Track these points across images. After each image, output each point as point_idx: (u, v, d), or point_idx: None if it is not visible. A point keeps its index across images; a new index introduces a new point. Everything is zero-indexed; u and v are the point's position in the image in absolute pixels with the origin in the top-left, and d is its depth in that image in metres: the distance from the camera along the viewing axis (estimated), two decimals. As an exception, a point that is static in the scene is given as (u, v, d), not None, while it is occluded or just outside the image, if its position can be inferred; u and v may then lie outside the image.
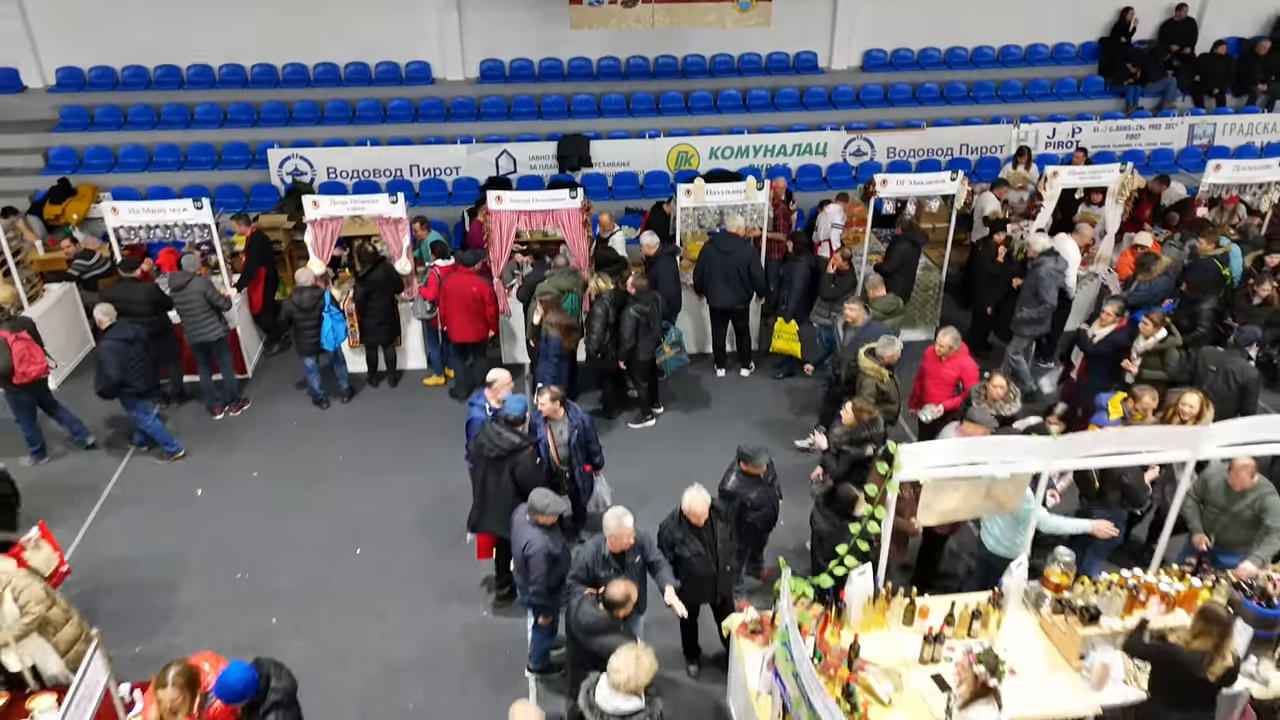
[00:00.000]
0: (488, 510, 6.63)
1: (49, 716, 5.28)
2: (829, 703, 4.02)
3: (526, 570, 5.94)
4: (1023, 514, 6.08)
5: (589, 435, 7.25)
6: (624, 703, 4.52)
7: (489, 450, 6.49)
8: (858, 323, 8.24)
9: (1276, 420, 5.87)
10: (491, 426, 6.55)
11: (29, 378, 8.29)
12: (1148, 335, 7.87)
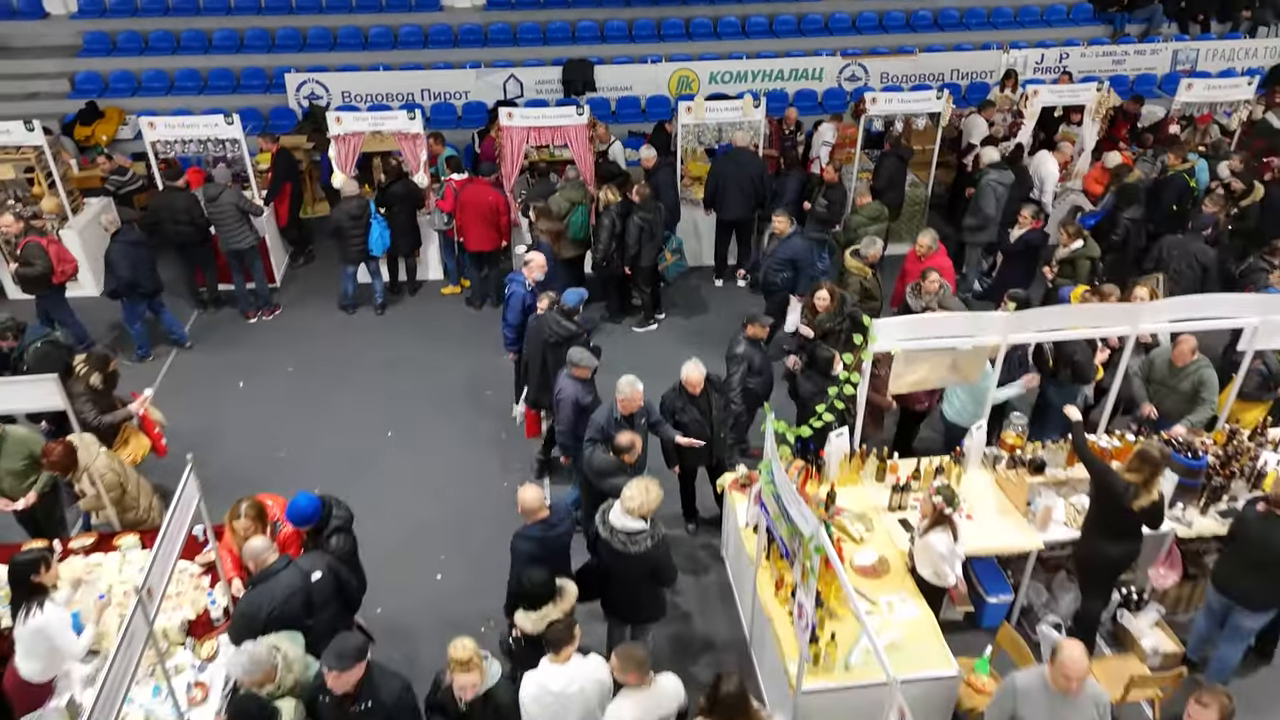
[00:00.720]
0: (546, 388, 7.38)
1: (135, 552, 6.14)
2: (805, 510, 4.84)
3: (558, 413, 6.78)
4: (980, 390, 6.87)
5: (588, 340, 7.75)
6: (633, 523, 5.35)
7: (549, 336, 7.32)
8: (783, 233, 8.91)
9: (1206, 299, 6.62)
10: (551, 315, 7.35)
11: (66, 275, 9.07)
12: (1065, 244, 8.57)
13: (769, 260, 8.96)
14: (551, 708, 4.64)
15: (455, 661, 4.45)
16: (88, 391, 6.69)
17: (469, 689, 4.45)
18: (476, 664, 4.46)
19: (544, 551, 5.41)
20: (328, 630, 5.21)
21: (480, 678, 4.48)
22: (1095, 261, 8.69)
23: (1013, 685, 4.66)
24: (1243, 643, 5.91)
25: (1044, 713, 4.51)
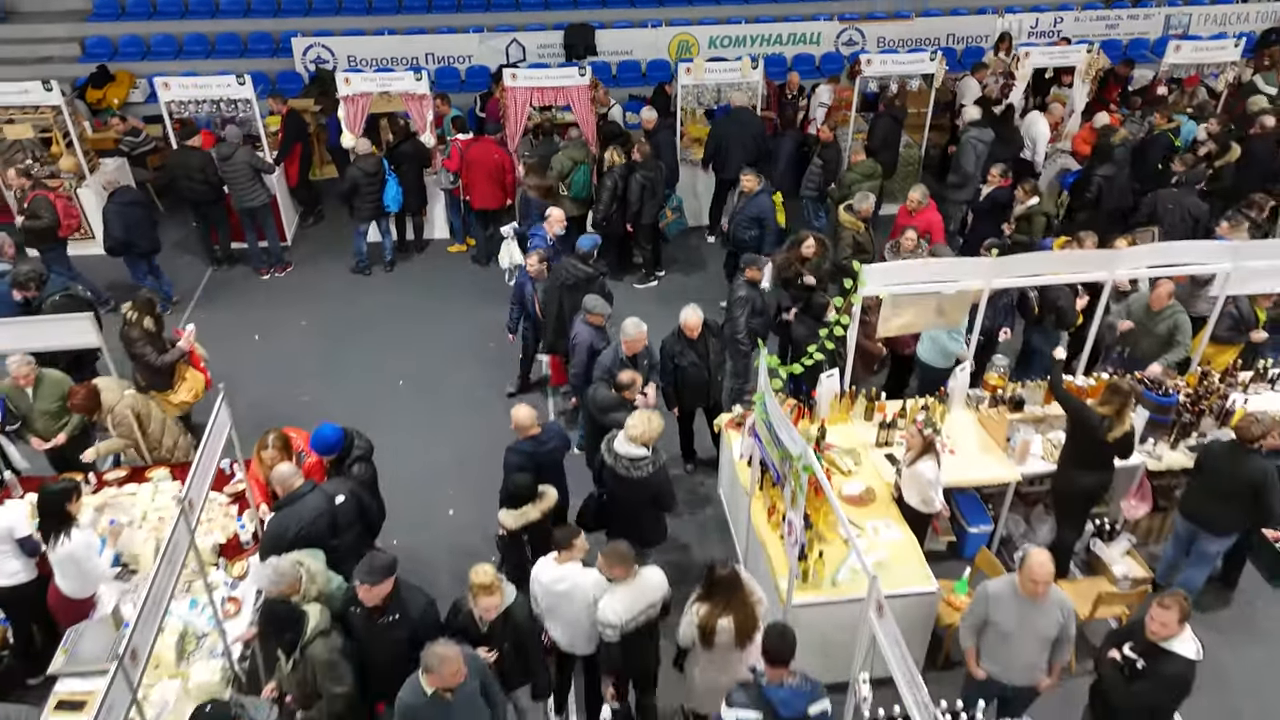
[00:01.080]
0: (563, 334, 7.74)
1: (166, 483, 6.53)
2: (794, 433, 5.21)
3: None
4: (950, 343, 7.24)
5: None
6: (636, 450, 5.73)
7: (567, 279, 7.69)
8: (751, 191, 9.20)
9: (1180, 245, 6.95)
10: (568, 260, 7.73)
11: (71, 230, 9.47)
12: (1021, 201, 8.87)
13: (738, 218, 9.30)
14: (552, 601, 5.12)
15: (478, 585, 4.76)
16: (144, 335, 7.12)
17: (491, 610, 4.80)
18: (497, 587, 4.81)
19: (533, 464, 5.87)
20: (351, 551, 5.62)
21: (500, 599, 4.83)
22: (1050, 218, 9.00)
23: (985, 592, 5.06)
24: (1207, 566, 6.31)
25: (1013, 615, 4.91)
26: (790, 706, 4.32)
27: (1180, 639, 4.58)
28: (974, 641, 5.15)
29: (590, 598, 5.07)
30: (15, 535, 5.58)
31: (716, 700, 4.64)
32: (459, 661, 4.41)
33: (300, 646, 4.79)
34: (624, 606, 4.90)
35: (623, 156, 9.77)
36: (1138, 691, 4.66)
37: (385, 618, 4.88)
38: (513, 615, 4.90)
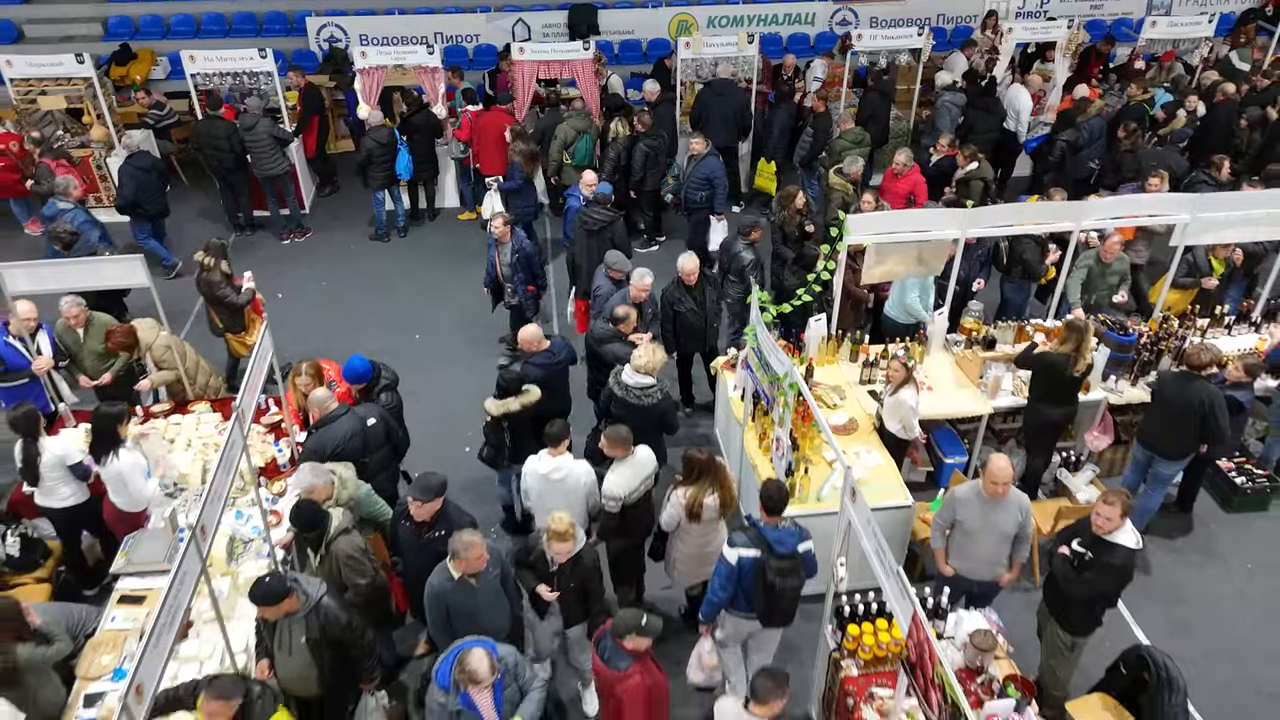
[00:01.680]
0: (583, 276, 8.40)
1: (208, 414, 7.10)
2: (781, 356, 5.78)
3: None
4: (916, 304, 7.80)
5: (530, 259, 8.41)
6: (643, 380, 6.30)
7: (590, 225, 8.40)
8: (699, 154, 9.77)
9: (1141, 198, 7.51)
10: (590, 207, 8.45)
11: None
12: (962, 166, 9.40)
13: (689, 179, 9.89)
14: (545, 490, 5.78)
15: (554, 531, 5.09)
16: (224, 278, 7.78)
17: (563, 553, 5.14)
18: (571, 534, 5.11)
19: (548, 374, 6.58)
20: (380, 468, 6.22)
21: (573, 545, 5.15)
22: (988, 183, 9.55)
23: (952, 495, 5.64)
24: (1163, 488, 6.89)
25: (977, 514, 5.49)
26: (784, 544, 5.01)
27: (1122, 531, 5.15)
28: (943, 542, 5.73)
29: (583, 482, 5.78)
30: (67, 462, 6.12)
31: (696, 570, 5.46)
32: (483, 549, 4.98)
33: (325, 543, 5.35)
34: (625, 481, 5.61)
35: (627, 128, 10.32)
36: (1086, 580, 5.23)
37: (431, 533, 5.36)
38: (581, 560, 5.24)
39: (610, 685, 4.61)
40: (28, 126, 10.91)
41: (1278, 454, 7.47)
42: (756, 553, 5.02)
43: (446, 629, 5.12)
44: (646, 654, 4.65)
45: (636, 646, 4.55)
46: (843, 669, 5.20)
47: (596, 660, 4.69)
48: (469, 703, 4.45)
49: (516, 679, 4.71)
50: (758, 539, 5.05)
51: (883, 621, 5.26)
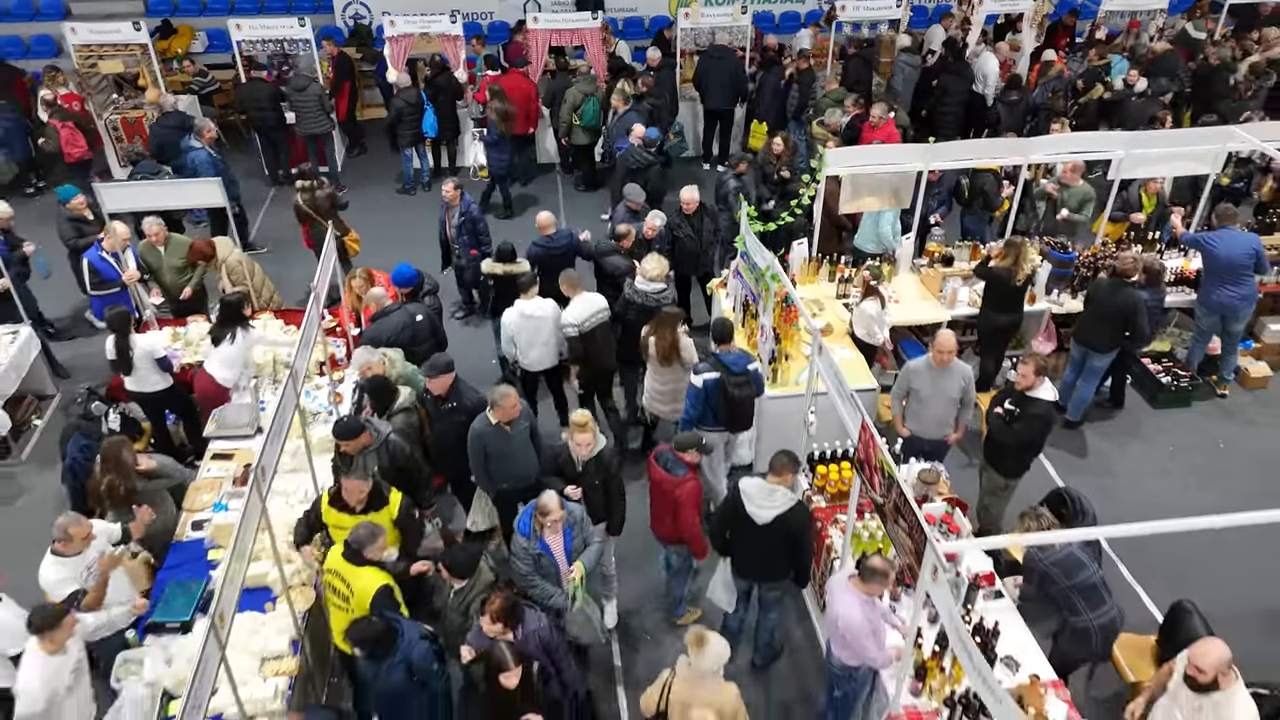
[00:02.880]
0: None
1: (272, 321, 8.21)
2: (764, 253, 6.89)
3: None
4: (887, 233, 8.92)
5: (476, 225, 8.96)
6: (654, 285, 7.41)
7: (633, 164, 9.69)
8: (620, 109, 10.93)
9: (1081, 136, 8.62)
10: (634, 149, 9.75)
11: (73, 158, 11.09)
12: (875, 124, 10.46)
13: (613, 132, 11.04)
14: (523, 325, 7.30)
15: (575, 425, 5.79)
16: (329, 194, 9.08)
17: (584, 446, 5.77)
18: (591, 428, 5.81)
19: (544, 255, 7.89)
20: (425, 358, 7.30)
21: (593, 439, 5.81)
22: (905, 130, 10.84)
23: (907, 367, 6.76)
24: (1095, 379, 7.99)
25: (927, 381, 6.60)
26: (737, 364, 6.42)
27: (1041, 388, 6.27)
28: (900, 409, 6.85)
29: (553, 317, 7.32)
30: (154, 355, 7.20)
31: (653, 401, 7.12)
32: (516, 400, 6.08)
33: (389, 415, 6.45)
34: (579, 311, 7.24)
35: (632, 87, 11.43)
36: (1016, 430, 6.35)
37: (446, 404, 6.44)
38: (603, 457, 5.89)
39: (671, 489, 5.70)
40: (88, 90, 12.02)
41: (1199, 358, 8.56)
42: (717, 374, 6.38)
43: (484, 470, 6.23)
44: (696, 465, 5.78)
45: (693, 460, 5.70)
46: (813, 502, 6.32)
47: (659, 470, 5.78)
48: (545, 546, 5.41)
49: (582, 530, 5.56)
50: (716, 364, 6.40)
51: (846, 464, 6.39)
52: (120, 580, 5.36)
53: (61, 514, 5.19)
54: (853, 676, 5.14)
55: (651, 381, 7.18)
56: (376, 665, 4.76)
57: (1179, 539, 4.78)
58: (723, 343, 6.50)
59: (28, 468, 7.83)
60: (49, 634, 4.43)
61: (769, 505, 5.35)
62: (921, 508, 6.10)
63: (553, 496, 5.39)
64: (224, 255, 8.25)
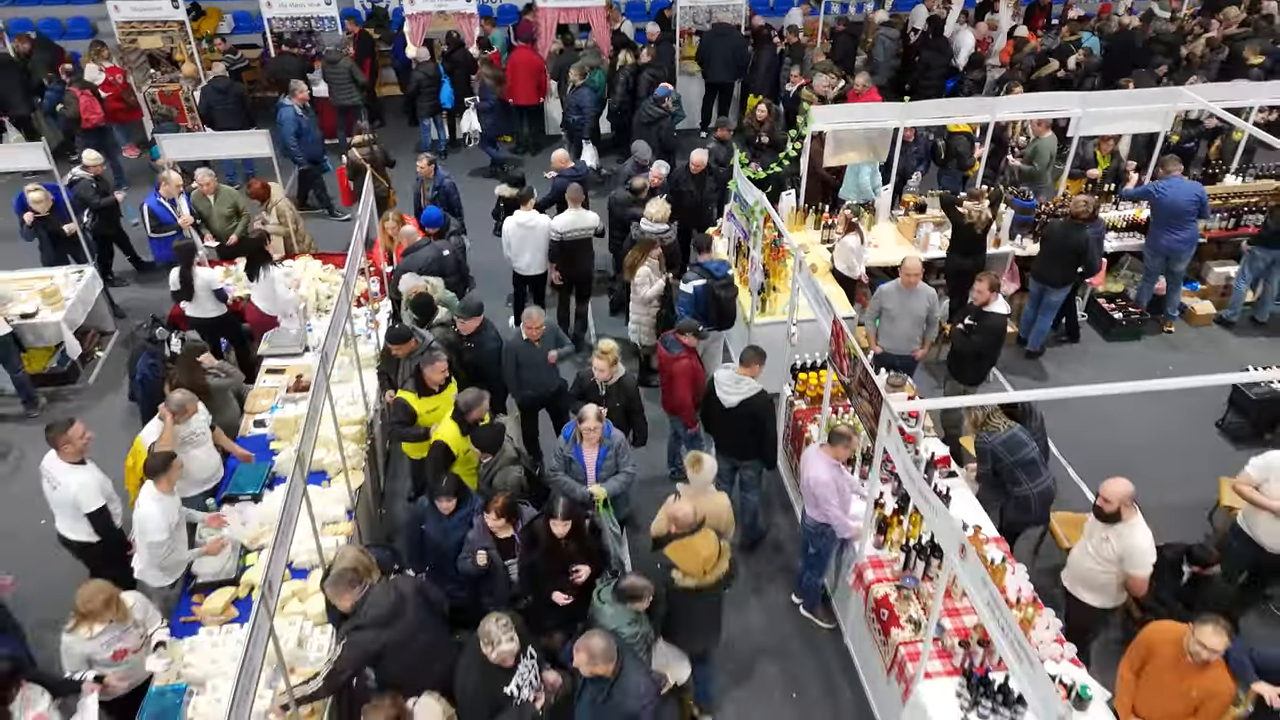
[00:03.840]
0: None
1: (313, 263, 9.10)
2: (752, 190, 7.79)
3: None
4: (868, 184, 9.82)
5: (449, 197, 9.50)
6: (656, 227, 8.32)
7: (645, 119, 11.04)
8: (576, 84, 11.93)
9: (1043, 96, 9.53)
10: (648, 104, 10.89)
11: (90, 124, 11.87)
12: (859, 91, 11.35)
13: (570, 106, 12.02)
14: (518, 232, 8.54)
15: (600, 352, 6.51)
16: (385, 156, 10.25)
17: (605, 371, 6.50)
18: (614, 358, 6.56)
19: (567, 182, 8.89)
20: (453, 290, 8.22)
21: (615, 367, 6.57)
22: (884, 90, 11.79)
23: (880, 290, 7.66)
24: (1052, 313, 8.88)
25: (896, 301, 7.49)
26: (720, 269, 7.56)
27: (995, 304, 7.18)
28: (873, 328, 7.75)
29: (544, 228, 8.58)
30: (213, 286, 8.13)
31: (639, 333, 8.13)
32: (542, 320, 6.98)
33: (428, 327, 7.36)
34: (567, 220, 8.54)
35: (634, 57, 12.34)
36: (974, 341, 7.26)
37: (466, 342, 7.28)
38: (624, 383, 6.64)
39: (669, 365, 6.75)
40: (129, 64, 12.93)
41: (1148, 297, 9.46)
42: (703, 281, 7.42)
43: (516, 378, 7.12)
44: (693, 349, 6.73)
45: (689, 342, 6.71)
46: (795, 405, 7.23)
47: (662, 349, 6.81)
48: (579, 453, 6.11)
49: (618, 456, 6.06)
50: (702, 271, 7.50)
51: (823, 372, 7.29)
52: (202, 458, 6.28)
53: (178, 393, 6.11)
54: (823, 534, 6.04)
55: (634, 313, 8.12)
56: (443, 522, 5.64)
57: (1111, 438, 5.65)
58: (704, 251, 7.56)
59: (94, 390, 8.74)
60: (163, 475, 5.34)
61: (735, 392, 6.26)
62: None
63: (593, 408, 6.02)
64: (276, 198, 9.19)
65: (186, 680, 5.06)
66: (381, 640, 4.77)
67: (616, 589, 4.94)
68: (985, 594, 4.21)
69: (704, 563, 5.01)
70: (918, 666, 5.13)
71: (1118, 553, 5.29)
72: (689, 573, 4.97)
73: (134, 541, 5.61)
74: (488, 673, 4.59)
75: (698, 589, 5.03)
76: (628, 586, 4.87)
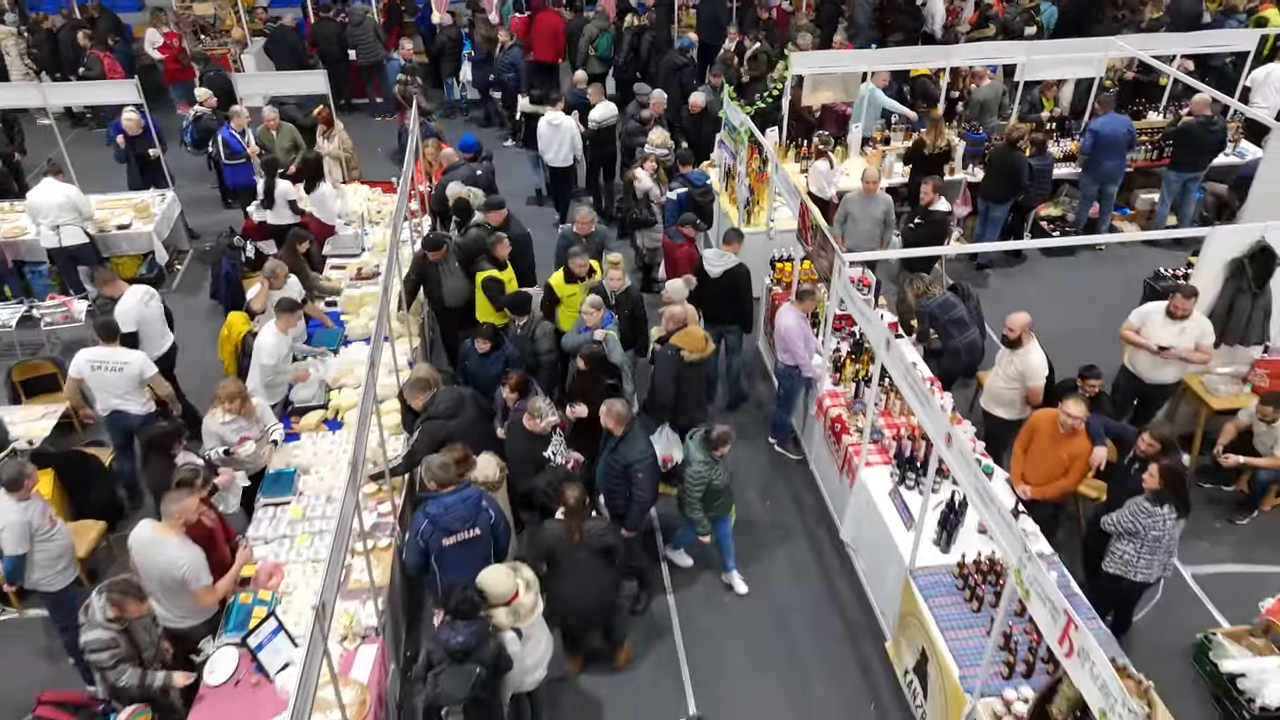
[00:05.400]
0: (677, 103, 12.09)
1: (363, 189, 10.58)
2: (739, 114, 9.25)
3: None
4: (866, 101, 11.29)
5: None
6: (658, 151, 9.82)
7: (671, 66, 12.28)
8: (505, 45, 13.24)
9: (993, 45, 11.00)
10: (673, 52, 12.37)
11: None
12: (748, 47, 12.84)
13: (499, 67, 13.40)
14: (548, 131, 10.50)
15: (610, 263, 7.65)
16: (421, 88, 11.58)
17: (616, 280, 7.59)
18: (622, 267, 7.72)
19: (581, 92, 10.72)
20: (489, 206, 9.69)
21: (624, 276, 7.83)
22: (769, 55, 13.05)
23: (844, 199, 9.14)
24: (997, 228, 10.34)
25: (858, 206, 8.96)
26: (699, 179, 9.17)
27: (937, 204, 8.65)
28: (839, 230, 9.20)
29: (570, 125, 10.48)
30: (289, 197, 9.59)
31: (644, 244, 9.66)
32: (592, 218, 8.49)
33: (467, 227, 8.83)
34: (601, 111, 10.80)
35: (638, 20, 13.81)
36: (920, 233, 8.73)
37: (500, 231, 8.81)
38: (631, 292, 7.79)
39: (672, 251, 8.40)
40: (184, 29, 14.43)
41: (1084, 219, 10.90)
42: (685, 189, 8.92)
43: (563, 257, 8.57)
44: (691, 238, 8.24)
45: (689, 233, 8.27)
46: (773, 290, 8.70)
47: (667, 239, 8.38)
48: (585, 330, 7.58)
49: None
50: (684, 181, 9.03)
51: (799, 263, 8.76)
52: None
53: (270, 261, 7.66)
54: (791, 375, 7.51)
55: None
56: (483, 359, 7.11)
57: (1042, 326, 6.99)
58: (686, 164, 9.15)
59: (178, 293, 10.22)
60: (285, 316, 6.84)
61: (719, 264, 7.73)
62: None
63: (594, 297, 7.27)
64: (338, 128, 10.72)
65: (295, 465, 6.55)
66: (448, 429, 6.24)
67: (705, 437, 6.07)
68: (909, 379, 5.67)
69: (700, 341, 6.71)
70: (860, 459, 6.61)
71: (1020, 370, 6.76)
72: (693, 349, 6.65)
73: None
74: (532, 440, 6.09)
75: (700, 360, 6.80)
76: (717, 436, 6.00)
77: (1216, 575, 6.83)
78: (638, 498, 6.06)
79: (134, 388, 6.82)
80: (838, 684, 6.14)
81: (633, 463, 5.94)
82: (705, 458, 6.07)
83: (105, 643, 4.68)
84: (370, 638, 5.42)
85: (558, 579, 5.54)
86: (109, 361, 6.75)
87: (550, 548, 5.52)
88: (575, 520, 5.44)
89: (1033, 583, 4.28)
